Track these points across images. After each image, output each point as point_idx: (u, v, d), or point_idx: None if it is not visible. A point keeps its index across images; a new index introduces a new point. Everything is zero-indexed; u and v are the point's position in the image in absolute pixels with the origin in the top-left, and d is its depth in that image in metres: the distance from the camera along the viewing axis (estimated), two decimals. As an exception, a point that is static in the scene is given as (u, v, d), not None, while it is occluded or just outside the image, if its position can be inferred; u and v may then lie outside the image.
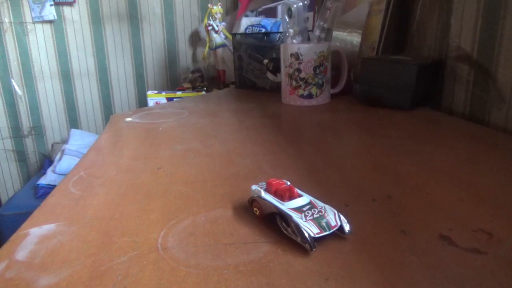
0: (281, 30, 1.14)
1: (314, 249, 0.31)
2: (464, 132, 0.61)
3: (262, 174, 0.47)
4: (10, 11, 2.04)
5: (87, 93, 2.25)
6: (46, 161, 2.18)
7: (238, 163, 0.51)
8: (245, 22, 1.40)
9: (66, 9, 2.11)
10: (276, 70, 0.94)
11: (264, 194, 0.36)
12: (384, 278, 0.28)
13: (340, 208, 0.36)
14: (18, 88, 2.13)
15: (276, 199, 0.35)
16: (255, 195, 0.37)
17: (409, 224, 0.35)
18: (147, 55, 2.27)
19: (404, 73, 0.73)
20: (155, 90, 2.25)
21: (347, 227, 0.33)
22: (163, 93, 1.85)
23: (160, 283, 0.28)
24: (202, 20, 2.15)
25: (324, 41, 0.85)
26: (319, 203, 0.35)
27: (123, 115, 0.80)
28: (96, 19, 2.16)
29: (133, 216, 0.38)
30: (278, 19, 1.45)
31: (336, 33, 0.98)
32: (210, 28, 1.85)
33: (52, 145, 2.20)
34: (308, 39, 0.86)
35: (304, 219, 0.32)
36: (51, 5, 2.06)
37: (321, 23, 0.85)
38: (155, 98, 1.83)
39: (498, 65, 0.63)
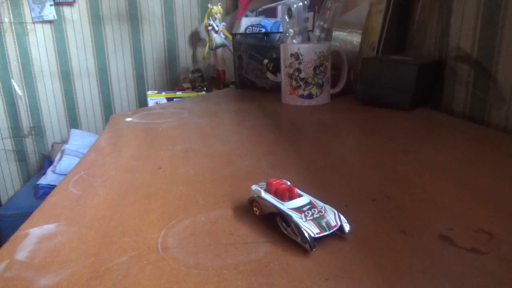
0: (281, 30, 1.14)
1: (314, 249, 0.31)
2: (464, 132, 0.61)
3: (262, 174, 0.47)
4: (10, 11, 2.04)
5: (87, 93, 2.25)
6: (46, 161, 2.18)
7: (238, 163, 0.51)
8: (245, 22, 1.40)
9: (66, 9, 2.11)
10: (276, 70, 0.94)
11: (264, 194, 0.36)
12: (384, 278, 0.28)
13: (340, 208, 0.36)
14: (18, 88, 2.13)
15: (276, 199, 0.35)
16: (255, 195, 0.36)
17: (409, 224, 0.35)
18: (147, 55, 2.27)
19: (404, 73, 0.73)
20: (155, 90, 2.25)
21: (347, 227, 0.33)
22: (163, 93, 1.85)
23: (160, 283, 0.28)
24: (202, 20, 2.15)
25: (324, 41, 0.85)
26: (319, 203, 0.35)
27: (123, 115, 0.80)
28: (96, 19, 2.16)
29: (133, 216, 0.38)
30: (278, 19, 1.45)
31: (336, 33, 0.98)
32: (210, 28, 1.85)
33: (52, 145, 2.20)
34: (308, 39, 0.86)
35: (304, 219, 0.32)
36: (51, 5, 2.06)
37: (321, 23, 0.85)
38: (155, 98, 1.83)
39: (498, 65, 0.63)
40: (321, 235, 0.31)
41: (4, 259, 0.32)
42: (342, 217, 0.33)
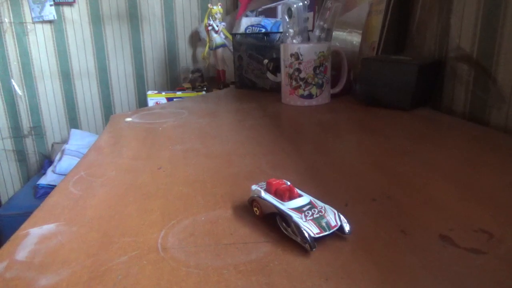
0: (281, 30, 1.14)
1: (314, 249, 0.31)
2: (464, 132, 0.61)
3: (262, 174, 0.47)
4: (10, 11, 2.04)
5: (87, 93, 2.25)
6: (46, 161, 2.17)
7: (238, 163, 0.51)
8: (245, 22, 1.40)
9: (66, 9, 2.11)
10: (276, 70, 0.94)
11: (264, 194, 0.36)
12: (384, 278, 0.28)
13: (340, 208, 0.36)
14: (18, 88, 2.13)
15: (276, 199, 0.35)
16: (255, 195, 0.36)
17: (409, 224, 0.35)
18: (147, 55, 2.27)
19: (404, 73, 0.73)
20: (155, 90, 2.25)
21: (347, 227, 0.33)
22: (163, 93, 1.85)
23: (160, 283, 0.28)
24: (202, 20, 2.15)
25: (324, 41, 0.85)
26: (319, 203, 0.35)
27: (123, 115, 0.80)
28: (96, 19, 2.16)
29: (133, 216, 0.38)
30: (278, 19, 1.45)
31: (336, 33, 0.98)
32: (210, 28, 1.85)
33: (52, 145, 2.20)
34: (308, 39, 0.86)
35: (304, 219, 0.32)
36: (51, 5, 2.06)
37: (321, 23, 0.85)
38: (155, 98, 1.83)
39: (498, 65, 0.63)
40: (321, 235, 0.31)
41: (4, 259, 0.31)
42: (342, 217, 0.33)
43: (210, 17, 1.84)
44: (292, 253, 0.31)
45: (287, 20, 0.82)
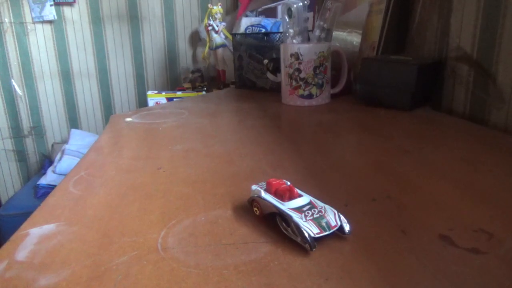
0: (281, 30, 1.14)
1: (314, 249, 0.31)
2: (464, 132, 0.61)
3: (262, 174, 0.47)
4: (10, 11, 2.04)
5: (87, 93, 2.25)
6: (46, 161, 2.17)
7: (238, 163, 0.51)
8: (245, 22, 1.40)
9: (66, 9, 2.11)
10: (276, 70, 0.94)
11: (264, 194, 0.36)
12: (384, 278, 0.28)
13: (340, 208, 0.36)
14: (18, 88, 2.13)
15: (276, 199, 0.35)
16: (255, 195, 0.36)
17: (409, 224, 0.35)
18: (147, 55, 2.27)
19: (404, 73, 0.73)
20: (155, 90, 2.25)
21: (347, 227, 0.33)
22: (163, 93, 1.85)
23: (160, 283, 0.28)
24: (202, 20, 2.15)
25: (324, 41, 0.85)
26: (319, 203, 0.35)
27: (123, 115, 0.80)
28: (96, 19, 2.16)
29: (133, 216, 0.38)
30: (278, 19, 1.45)
31: (336, 33, 0.98)
32: (210, 28, 1.85)
33: (52, 145, 2.20)
34: (308, 39, 0.86)
35: (304, 219, 0.32)
36: (51, 5, 2.06)
37: (321, 23, 0.85)
38: (155, 98, 1.83)
39: (498, 65, 0.63)
40: (321, 235, 0.31)
41: (4, 259, 0.32)
42: (342, 217, 0.33)
43: (210, 17, 1.84)
44: (292, 253, 0.31)
45: (287, 20, 0.82)
